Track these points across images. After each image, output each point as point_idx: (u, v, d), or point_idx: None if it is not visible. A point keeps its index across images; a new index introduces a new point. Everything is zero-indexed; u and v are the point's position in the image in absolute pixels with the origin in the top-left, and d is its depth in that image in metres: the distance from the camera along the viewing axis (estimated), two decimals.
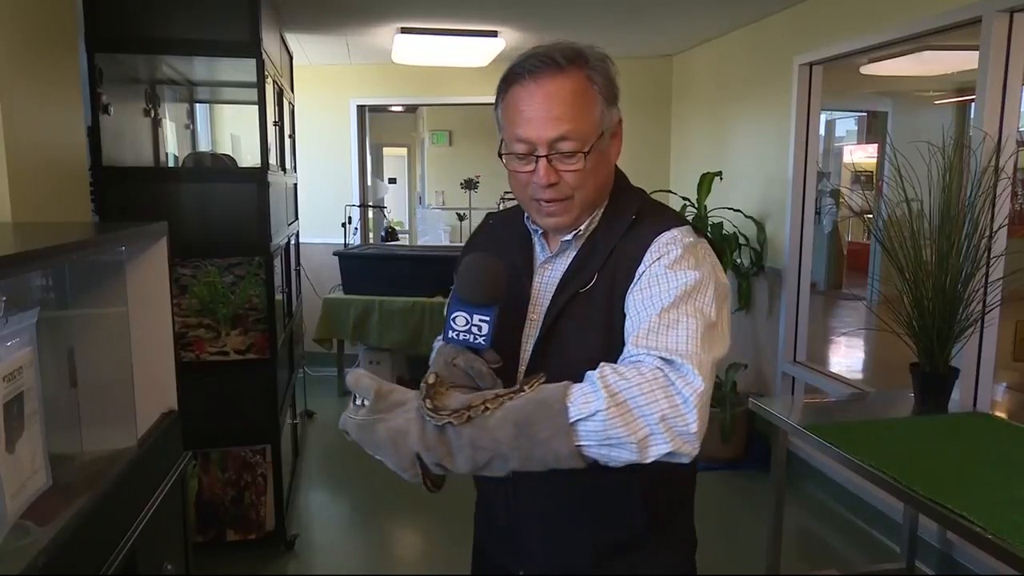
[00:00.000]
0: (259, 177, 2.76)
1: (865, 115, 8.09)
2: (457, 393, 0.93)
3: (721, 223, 3.96)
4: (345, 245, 5.05)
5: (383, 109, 8.38)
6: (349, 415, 0.93)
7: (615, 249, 1.08)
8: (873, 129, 7.98)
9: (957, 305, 2.27)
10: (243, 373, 2.78)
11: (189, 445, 1.75)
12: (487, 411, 0.89)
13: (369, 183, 5.96)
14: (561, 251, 1.14)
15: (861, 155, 8.23)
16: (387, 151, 11.16)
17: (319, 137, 5.35)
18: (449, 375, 0.99)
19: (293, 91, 4.21)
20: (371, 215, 6.20)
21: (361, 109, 5.55)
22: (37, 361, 1.13)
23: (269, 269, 2.76)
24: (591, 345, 1.03)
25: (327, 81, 5.34)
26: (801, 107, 3.64)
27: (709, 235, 2.00)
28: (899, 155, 2.41)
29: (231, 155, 3.41)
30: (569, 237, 1.12)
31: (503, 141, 1.09)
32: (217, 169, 3.04)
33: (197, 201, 2.68)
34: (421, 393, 0.91)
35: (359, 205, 5.56)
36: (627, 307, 1.02)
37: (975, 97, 2.60)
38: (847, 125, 8.58)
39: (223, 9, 2.60)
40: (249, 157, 3.45)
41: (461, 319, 0.99)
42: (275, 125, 3.17)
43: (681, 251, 1.03)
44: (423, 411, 0.89)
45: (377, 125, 8.15)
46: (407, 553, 3.22)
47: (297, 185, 4.28)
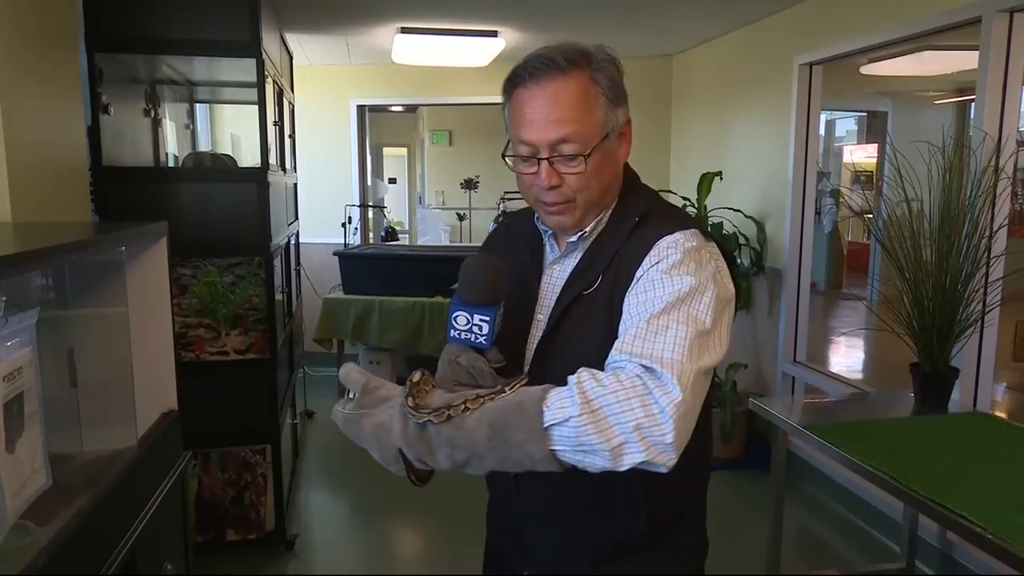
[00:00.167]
0: (259, 177, 2.76)
1: (865, 115, 8.09)
2: (440, 392, 0.95)
3: (721, 223, 3.96)
4: (345, 245, 5.05)
5: (383, 109, 8.39)
6: (339, 407, 0.96)
7: (618, 251, 1.07)
8: (873, 129, 7.98)
9: (957, 305, 2.27)
10: (243, 373, 2.78)
11: (189, 445, 1.75)
12: (467, 411, 0.90)
13: (369, 183, 5.96)
14: (568, 252, 1.13)
15: (861, 155, 8.23)
16: (387, 151, 11.17)
17: (319, 137, 5.35)
18: (452, 373, 1.01)
19: (293, 91, 4.21)
20: (371, 215, 6.20)
21: (361, 109, 5.55)
22: (37, 361, 1.13)
23: (269, 269, 2.76)
24: (592, 347, 1.03)
25: (327, 81, 5.34)
26: (801, 107, 3.64)
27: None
28: (899, 155, 2.41)
29: (231, 155, 3.40)
30: (575, 239, 1.11)
31: (509, 142, 1.09)
32: (217, 169, 3.04)
33: (197, 201, 2.68)
34: (404, 391, 0.93)
35: (359, 205, 5.56)
36: (623, 310, 1.02)
37: (975, 97, 2.60)
38: (847, 125, 8.57)
39: (223, 9, 2.60)
40: (249, 157, 3.45)
41: (462, 318, 1.00)
42: (275, 125, 3.17)
43: (681, 256, 1.01)
44: (405, 409, 0.91)
45: (377, 125, 8.15)
46: (407, 553, 3.22)
47: (297, 185, 4.28)
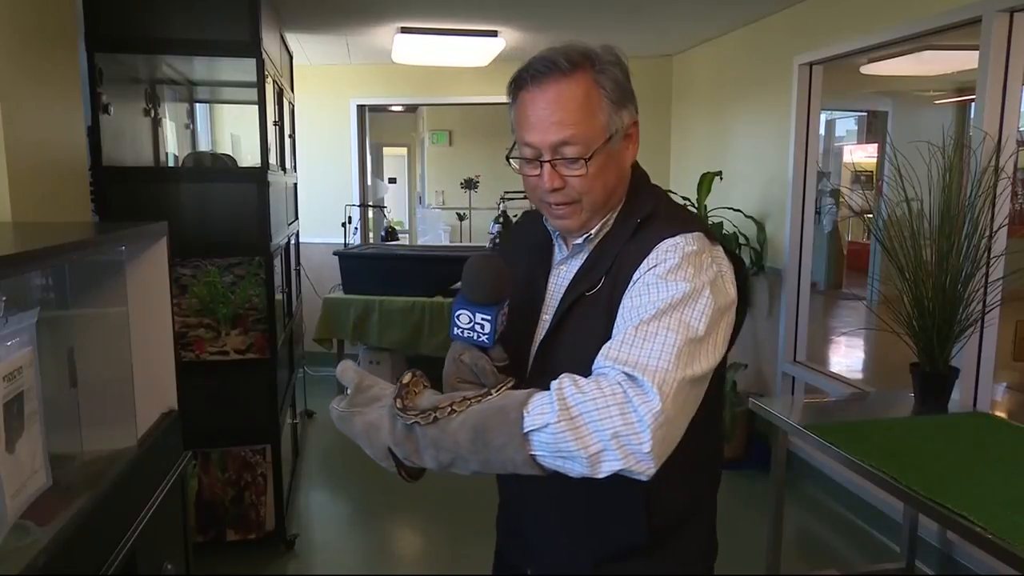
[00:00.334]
0: (259, 177, 2.76)
1: (865, 115, 8.09)
2: (430, 392, 0.96)
3: (721, 223, 3.96)
4: (345, 245, 5.05)
5: (383, 109, 8.38)
6: (334, 404, 0.98)
7: (620, 253, 1.06)
8: (873, 129, 7.97)
9: (957, 305, 2.27)
10: (243, 373, 2.78)
11: (189, 445, 1.75)
12: (453, 413, 0.91)
13: (369, 183, 5.95)
14: (575, 253, 1.13)
15: (861, 155, 8.23)
16: (387, 151, 11.17)
17: (319, 137, 5.35)
18: (457, 371, 1.02)
19: (293, 91, 4.21)
20: (371, 215, 6.20)
21: (361, 109, 5.55)
22: (37, 361, 1.13)
23: (269, 269, 2.76)
24: (592, 348, 1.02)
25: (327, 81, 5.34)
26: (801, 107, 3.64)
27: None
28: (899, 155, 2.40)
29: (231, 155, 3.40)
30: (580, 240, 1.11)
31: (515, 144, 1.08)
32: (217, 169, 3.04)
33: (197, 201, 2.68)
34: (394, 391, 0.94)
35: (359, 205, 5.56)
36: (618, 314, 1.01)
37: (975, 97, 2.60)
38: (847, 125, 8.57)
39: (223, 9, 2.60)
40: (249, 157, 3.45)
41: (465, 317, 1.02)
42: (275, 125, 3.17)
43: (678, 260, 0.99)
44: (393, 410, 0.93)
45: (377, 125, 8.15)
46: (407, 553, 3.22)
47: (297, 185, 4.28)
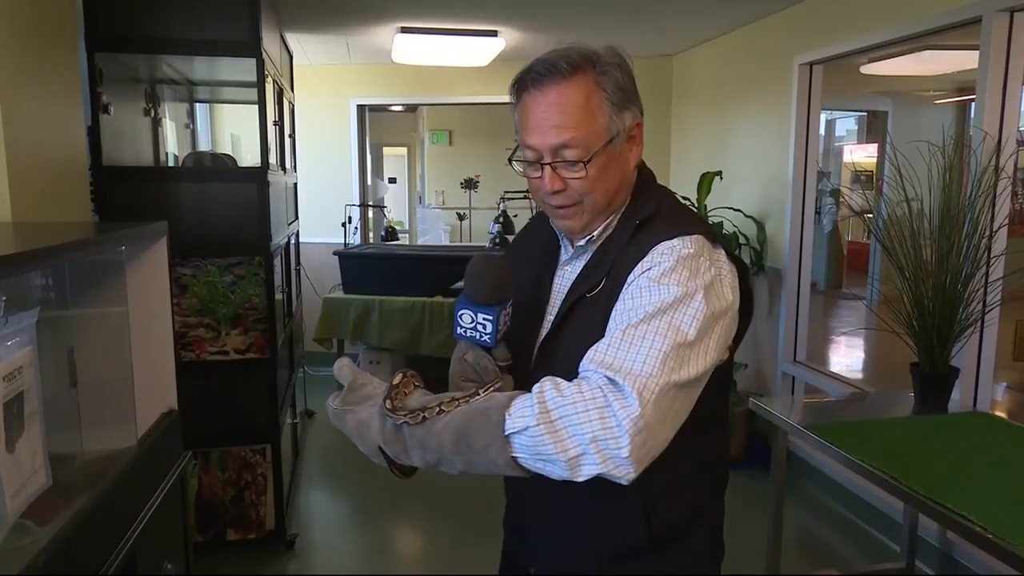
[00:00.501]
0: (259, 177, 2.75)
1: (865, 115, 8.09)
2: (421, 393, 0.98)
3: (721, 223, 3.96)
4: (345, 245, 5.05)
5: (383, 109, 8.38)
6: (330, 401, 1.00)
7: (619, 255, 1.06)
8: (873, 129, 7.98)
9: (957, 305, 2.27)
10: (243, 373, 2.78)
11: (189, 445, 1.75)
12: (441, 413, 0.92)
13: (369, 183, 5.95)
14: (578, 254, 1.13)
15: (861, 155, 8.23)
16: (387, 151, 11.16)
17: (319, 137, 5.35)
18: (460, 370, 1.04)
19: (293, 91, 4.21)
20: (371, 215, 6.20)
21: (361, 109, 5.55)
22: (37, 361, 1.13)
23: (269, 269, 2.76)
24: None
25: (327, 81, 5.34)
26: (801, 107, 3.64)
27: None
28: (899, 155, 2.40)
29: (231, 155, 3.40)
30: (583, 241, 1.11)
31: (518, 146, 1.09)
32: (217, 169, 3.04)
33: (197, 201, 2.68)
34: (385, 391, 0.96)
35: (359, 205, 5.56)
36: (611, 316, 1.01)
37: (975, 97, 2.60)
38: (847, 125, 8.58)
39: (223, 9, 2.60)
40: (249, 157, 3.45)
41: (467, 317, 1.03)
42: (275, 125, 3.17)
43: (673, 263, 0.98)
44: (382, 409, 0.94)
45: (377, 125, 8.15)
46: (407, 553, 3.22)
47: (297, 185, 4.28)
